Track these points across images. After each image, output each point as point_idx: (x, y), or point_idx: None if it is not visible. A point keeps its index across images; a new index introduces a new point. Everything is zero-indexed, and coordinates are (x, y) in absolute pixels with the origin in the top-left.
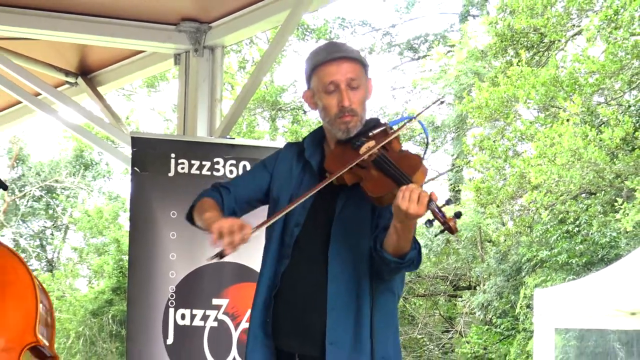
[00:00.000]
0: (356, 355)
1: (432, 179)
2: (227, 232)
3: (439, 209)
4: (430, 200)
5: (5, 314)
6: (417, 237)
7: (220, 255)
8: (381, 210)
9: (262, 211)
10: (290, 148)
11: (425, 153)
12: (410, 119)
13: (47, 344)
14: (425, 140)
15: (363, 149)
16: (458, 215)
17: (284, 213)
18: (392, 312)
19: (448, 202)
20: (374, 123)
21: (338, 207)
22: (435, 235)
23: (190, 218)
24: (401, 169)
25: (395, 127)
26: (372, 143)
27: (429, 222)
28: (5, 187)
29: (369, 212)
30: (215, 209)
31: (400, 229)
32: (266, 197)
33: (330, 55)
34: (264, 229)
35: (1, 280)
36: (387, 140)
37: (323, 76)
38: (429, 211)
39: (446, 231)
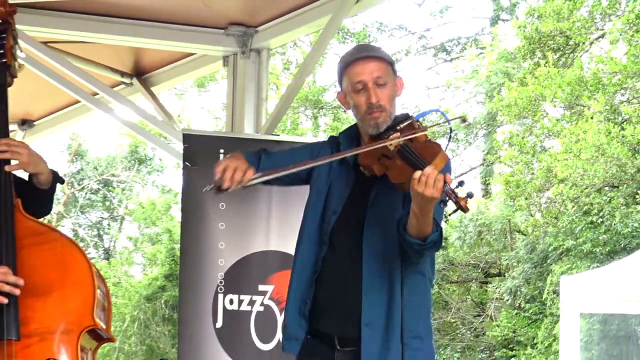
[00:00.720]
0: (388, 335)
1: (464, 173)
2: (231, 168)
3: (452, 190)
4: (445, 183)
5: (66, 300)
6: (450, 229)
7: (218, 187)
8: (410, 199)
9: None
10: (329, 141)
11: (448, 141)
12: (433, 111)
13: (104, 326)
14: (449, 132)
15: (389, 140)
16: (470, 195)
17: (290, 171)
18: (423, 293)
19: (461, 184)
20: (403, 117)
21: (371, 197)
22: (449, 214)
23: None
24: (422, 156)
25: (421, 120)
26: (397, 134)
27: (443, 203)
28: (62, 181)
29: (400, 201)
30: (239, 158)
31: (418, 212)
32: (307, 178)
33: (356, 55)
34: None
35: (62, 269)
36: (409, 132)
37: (351, 76)
38: (443, 193)
39: (459, 210)
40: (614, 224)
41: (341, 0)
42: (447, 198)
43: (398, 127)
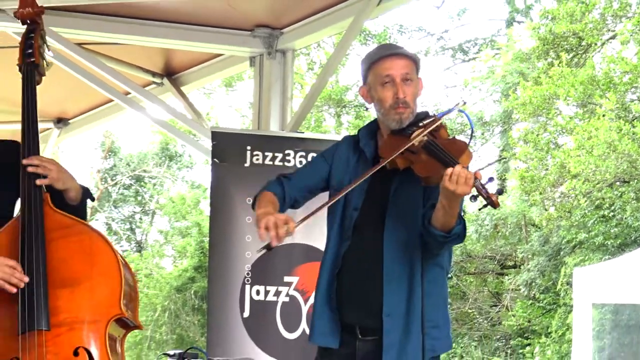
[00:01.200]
0: (409, 325)
1: (481, 169)
2: (273, 226)
3: (483, 186)
4: (475, 179)
5: (94, 290)
6: (467, 222)
7: (268, 247)
8: (430, 192)
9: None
10: (347, 140)
11: (470, 139)
12: (454, 109)
13: (131, 315)
14: (471, 130)
15: (414, 136)
16: (500, 191)
17: (333, 201)
18: (441, 285)
19: (490, 180)
20: (424, 115)
21: (392, 190)
22: (479, 209)
23: (254, 207)
24: (449, 152)
25: (442, 118)
26: (422, 130)
27: (474, 198)
28: (92, 199)
29: (420, 193)
30: (271, 204)
31: (447, 206)
32: (326, 185)
33: (386, 52)
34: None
35: (89, 260)
36: (434, 126)
37: (380, 71)
38: (473, 189)
39: (489, 206)
40: (625, 218)
41: (363, 3)
42: (478, 193)
43: (421, 124)
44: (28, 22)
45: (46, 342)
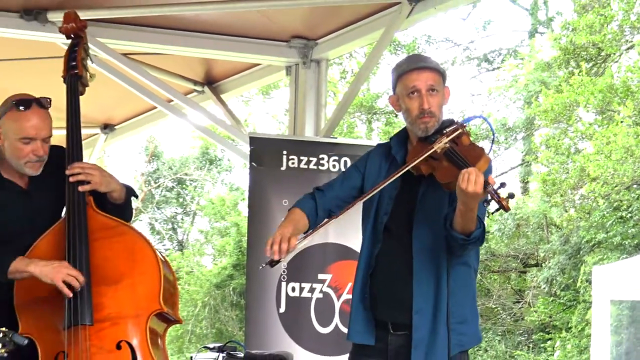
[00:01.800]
0: (436, 321)
1: (505, 172)
2: (277, 241)
3: (495, 191)
4: (487, 183)
5: (135, 287)
6: (491, 222)
7: (271, 262)
8: (455, 196)
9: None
10: (379, 149)
11: (492, 144)
12: (477, 117)
13: (170, 310)
14: (492, 136)
15: (435, 143)
16: (512, 196)
17: (356, 203)
18: (469, 282)
19: (502, 185)
20: (449, 122)
21: (419, 195)
22: (492, 213)
23: None
24: (466, 158)
25: (465, 126)
26: (444, 138)
27: (486, 202)
28: (136, 196)
29: (446, 198)
30: (292, 223)
31: (463, 209)
32: (360, 194)
33: (413, 64)
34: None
35: (130, 259)
36: (456, 134)
37: (407, 82)
38: (487, 194)
39: (501, 209)
40: None
41: (393, 15)
42: (490, 198)
43: (444, 131)
44: (72, 36)
45: (90, 337)
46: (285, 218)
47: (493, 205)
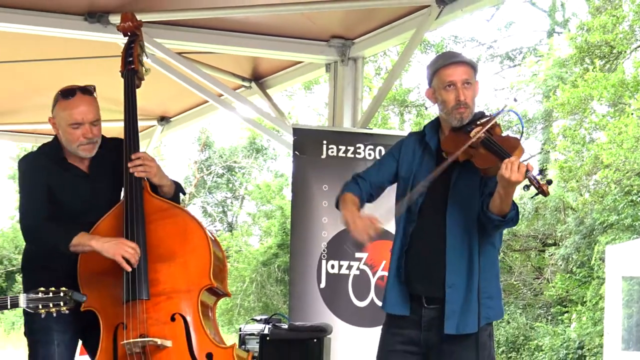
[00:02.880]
0: (468, 295)
1: (526, 160)
2: (363, 229)
3: (534, 176)
4: (527, 170)
5: (187, 264)
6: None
7: (362, 247)
8: (486, 181)
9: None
10: (412, 136)
11: (521, 137)
12: (507, 110)
13: (220, 285)
14: (521, 128)
15: (473, 133)
16: (550, 182)
17: (414, 196)
18: (494, 261)
19: (541, 172)
20: (481, 114)
21: (452, 179)
22: (531, 197)
23: (337, 207)
24: (504, 147)
25: (497, 117)
26: (480, 128)
27: (526, 187)
28: (184, 192)
29: (477, 182)
30: (354, 204)
31: (503, 194)
32: (395, 179)
33: (449, 59)
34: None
35: (183, 239)
36: (490, 124)
37: (444, 76)
38: (526, 179)
39: (540, 194)
40: None
41: (423, 17)
42: (530, 183)
43: (478, 122)
44: (129, 34)
45: (147, 310)
46: (345, 202)
47: (532, 190)
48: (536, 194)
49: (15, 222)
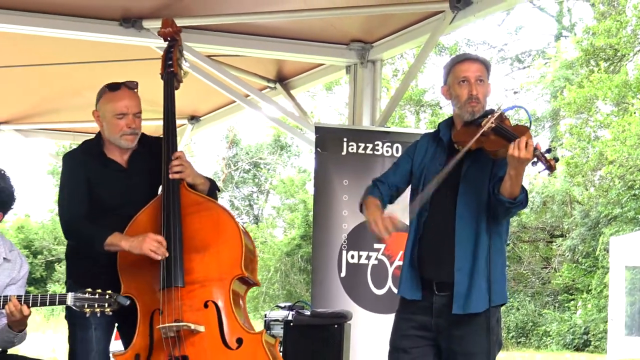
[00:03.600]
0: (474, 279)
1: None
2: (384, 228)
3: (542, 154)
4: (535, 148)
5: (220, 255)
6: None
7: (382, 241)
8: (497, 169)
9: None
10: (427, 136)
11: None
12: (516, 107)
13: (250, 275)
14: (529, 121)
15: (484, 122)
16: (557, 159)
17: (429, 192)
18: (500, 249)
19: (549, 151)
20: (491, 110)
21: (463, 170)
22: (539, 172)
23: (362, 211)
24: (514, 131)
25: (506, 113)
26: (490, 118)
27: (534, 163)
28: (218, 189)
29: (487, 172)
30: (377, 207)
31: (513, 174)
32: (411, 176)
33: (465, 57)
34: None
35: (216, 230)
36: (499, 114)
37: (458, 72)
38: (534, 157)
39: (547, 170)
40: None
41: (438, 22)
42: (537, 160)
43: (489, 115)
44: (169, 39)
45: (182, 297)
46: (369, 206)
47: (539, 167)
48: (544, 170)
49: (55, 215)
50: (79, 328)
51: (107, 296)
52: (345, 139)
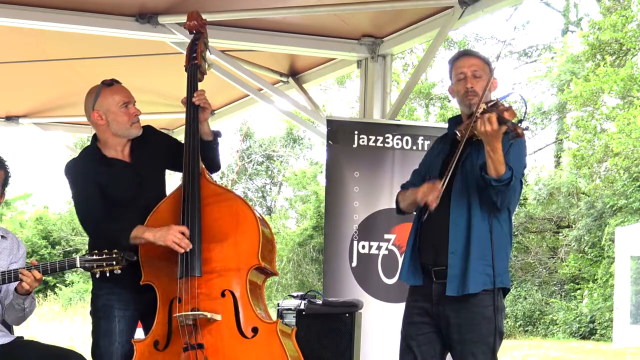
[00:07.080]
0: (467, 262)
1: (541, 149)
2: (429, 191)
3: (507, 121)
4: (502, 118)
5: (238, 245)
6: (528, 191)
7: (428, 209)
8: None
9: None
10: (438, 139)
11: (524, 117)
12: (511, 94)
13: (268, 265)
14: (524, 107)
15: (476, 108)
16: (527, 127)
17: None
18: (498, 233)
19: (520, 122)
20: (489, 100)
21: (462, 158)
22: (509, 140)
23: (399, 211)
24: (497, 111)
25: (503, 101)
26: (484, 105)
27: (505, 134)
28: (220, 135)
29: (483, 158)
30: (409, 190)
31: (490, 150)
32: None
33: (459, 54)
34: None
35: (235, 221)
36: (490, 100)
37: (456, 69)
38: (504, 127)
39: (515, 137)
40: None
41: (447, 17)
42: (508, 130)
43: (485, 104)
44: (194, 32)
45: (199, 286)
46: (405, 193)
47: (512, 135)
48: (513, 137)
49: (72, 206)
50: (103, 320)
51: (114, 254)
52: (356, 132)
